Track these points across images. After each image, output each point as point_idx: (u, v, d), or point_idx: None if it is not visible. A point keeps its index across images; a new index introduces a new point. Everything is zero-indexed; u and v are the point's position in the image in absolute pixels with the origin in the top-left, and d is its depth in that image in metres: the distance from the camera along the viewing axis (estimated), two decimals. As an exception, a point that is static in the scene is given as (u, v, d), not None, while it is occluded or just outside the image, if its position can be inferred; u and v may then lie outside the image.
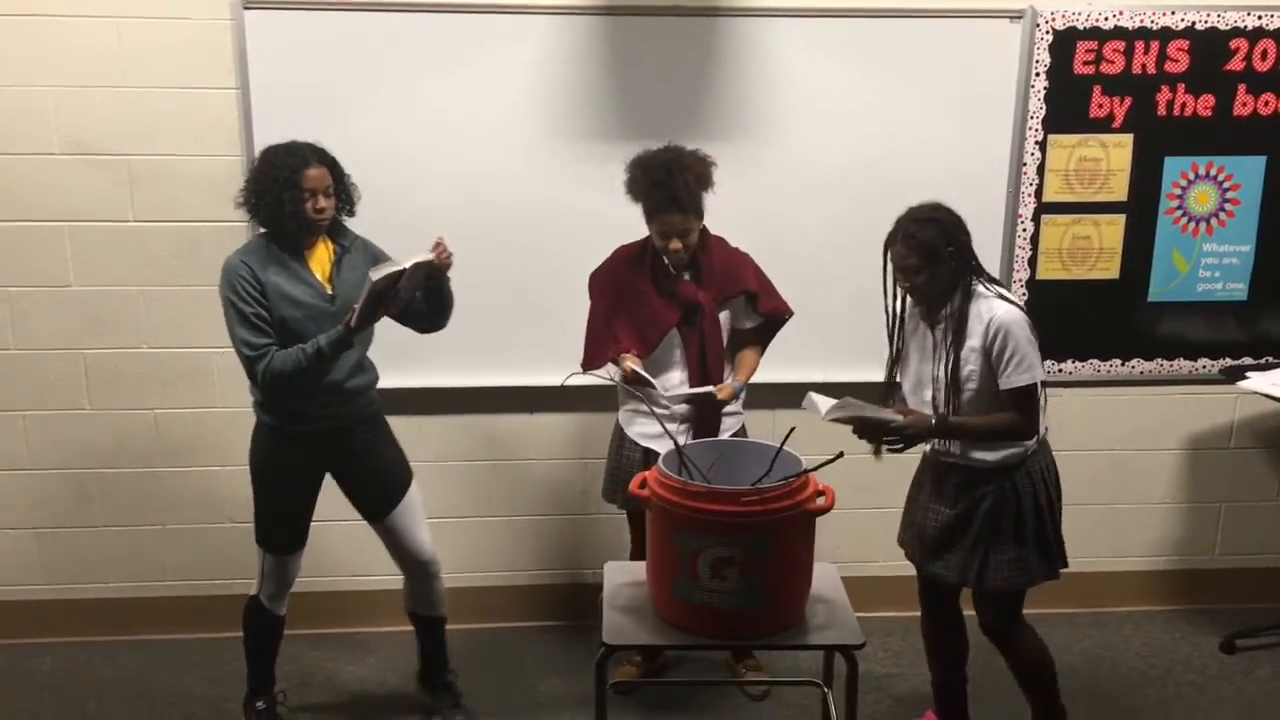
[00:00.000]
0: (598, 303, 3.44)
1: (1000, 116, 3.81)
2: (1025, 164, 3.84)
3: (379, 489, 3.31)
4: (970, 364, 2.86)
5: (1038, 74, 3.77)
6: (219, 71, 3.61)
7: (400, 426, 3.44)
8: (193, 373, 3.85)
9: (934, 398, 2.95)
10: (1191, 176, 3.90)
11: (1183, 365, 4.08)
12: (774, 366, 3.57)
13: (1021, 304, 2.92)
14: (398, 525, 3.32)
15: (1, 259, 3.71)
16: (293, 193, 3.00)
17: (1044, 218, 3.90)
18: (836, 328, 3.81)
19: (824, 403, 2.86)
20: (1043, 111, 3.80)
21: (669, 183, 3.20)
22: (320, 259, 3.13)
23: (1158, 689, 3.74)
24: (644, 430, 3.40)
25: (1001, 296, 2.88)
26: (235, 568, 4.01)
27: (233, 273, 3.04)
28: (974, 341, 2.85)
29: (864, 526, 3.90)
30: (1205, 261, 3.98)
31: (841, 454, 2.85)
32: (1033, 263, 3.93)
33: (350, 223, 3.44)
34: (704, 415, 3.36)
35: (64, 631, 4.00)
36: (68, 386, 3.83)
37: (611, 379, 3.32)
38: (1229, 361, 4.07)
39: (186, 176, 3.68)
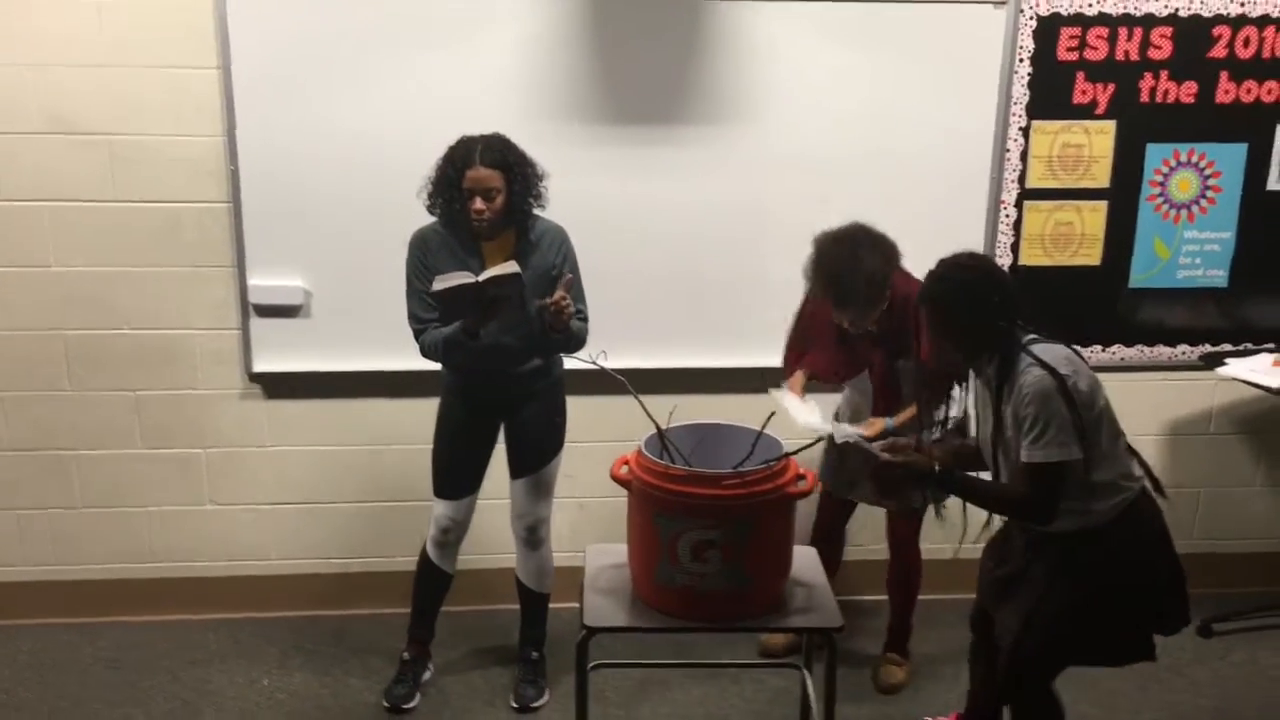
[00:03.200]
0: (802, 312, 3.51)
1: (984, 102, 3.82)
2: (1008, 150, 3.85)
3: (515, 455, 3.48)
4: (1009, 430, 2.58)
5: (1021, 60, 3.77)
6: (200, 51, 3.58)
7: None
8: (174, 354, 3.83)
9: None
10: (1173, 163, 3.91)
11: (1163, 351, 4.10)
12: (759, 351, 3.58)
13: (1066, 366, 2.54)
14: (514, 491, 3.50)
15: (-19, 238, 3.69)
16: (455, 191, 3.10)
17: (1027, 204, 3.91)
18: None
19: (838, 430, 2.89)
20: (1026, 97, 3.81)
21: (841, 289, 3.18)
22: (496, 252, 3.15)
23: (1136, 672, 3.73)
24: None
25: (1040, 362, 2.52)
26: (216, 549, 4.03)
27: (410, 247, 3.25)
28: (1011, 407, 2.56)
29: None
30: (1186, 248, 4.00)
31: (821, 438, 2.86)
32: (1015, 248, 3.94)
33: (332, 201, 3.44)
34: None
35: (44, 613, 3.99)
36: (48, 367, 3.81)
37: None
38: (1209, 348, 4.09)
39: (168, 156, 3.66)
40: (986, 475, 2.76)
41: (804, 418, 3.12)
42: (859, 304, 3.21)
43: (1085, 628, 2.68)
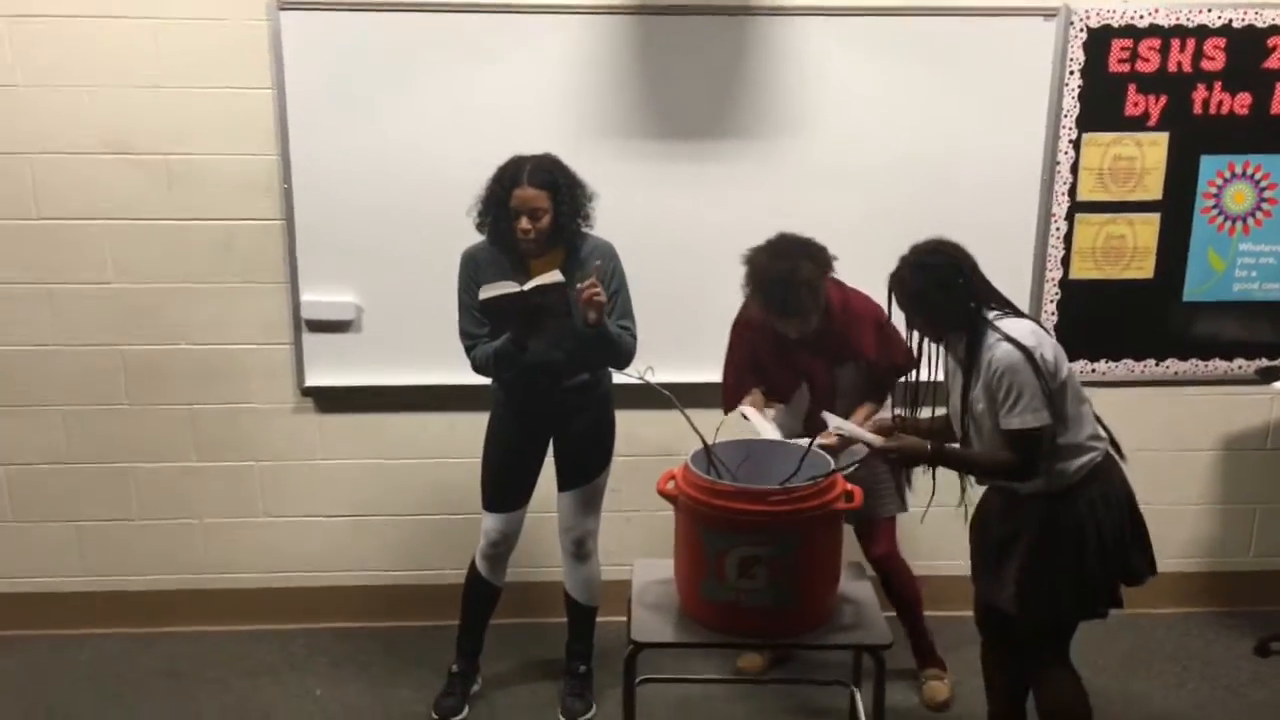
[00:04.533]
0: (734, 347, 3.52)
1: (1034, 115, 3.79)
2: (1059, 162, 3.82)
3: (563, 468, 3.51)
4: (980, 403, 2.77)
5: (1072, 72, 3.74)
6: (254, 72, 3.65)
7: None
8: (228, 369, 3.89)
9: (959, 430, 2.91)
10: (1228, 175, 3.86)
11: (1218, 365, 4.04)
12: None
13: (1032, 339, 2.70)
14: (562, 504, 3.51)
15: (43, 256, 3.76)
16: (502, 210, 3.15)
17: (1078, 216, 3.87)
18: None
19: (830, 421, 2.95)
20: (1077, 110, 3.77)
21: (785, 302, 3.19)
22: (544, 269, 3.16)
23: (1191, 692, 3.72)
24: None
25: (1007, 337, 2.70)
26: (269, 561, 4.08)
27: (461, 266, 3.30)
28: (982, 381, 2.76)
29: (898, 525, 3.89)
30: (1242, 261, 3.94)
31: (855, 463, 2.87)
32: (1066, 262, 3.90)
33: (382, 218, 3.47)
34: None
35: (101, 623, 4.06)
36: (106, 382, 3.88)
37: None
38: (1265, 362, 4.03)
39: (222, 175, 3.73)
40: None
41: (769, 434, 3.19)
42: (804, 312, 3.21)
43: (1078, 584, 2.80)
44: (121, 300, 3.82)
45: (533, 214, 3.12)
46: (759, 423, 3.26)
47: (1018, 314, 2.83)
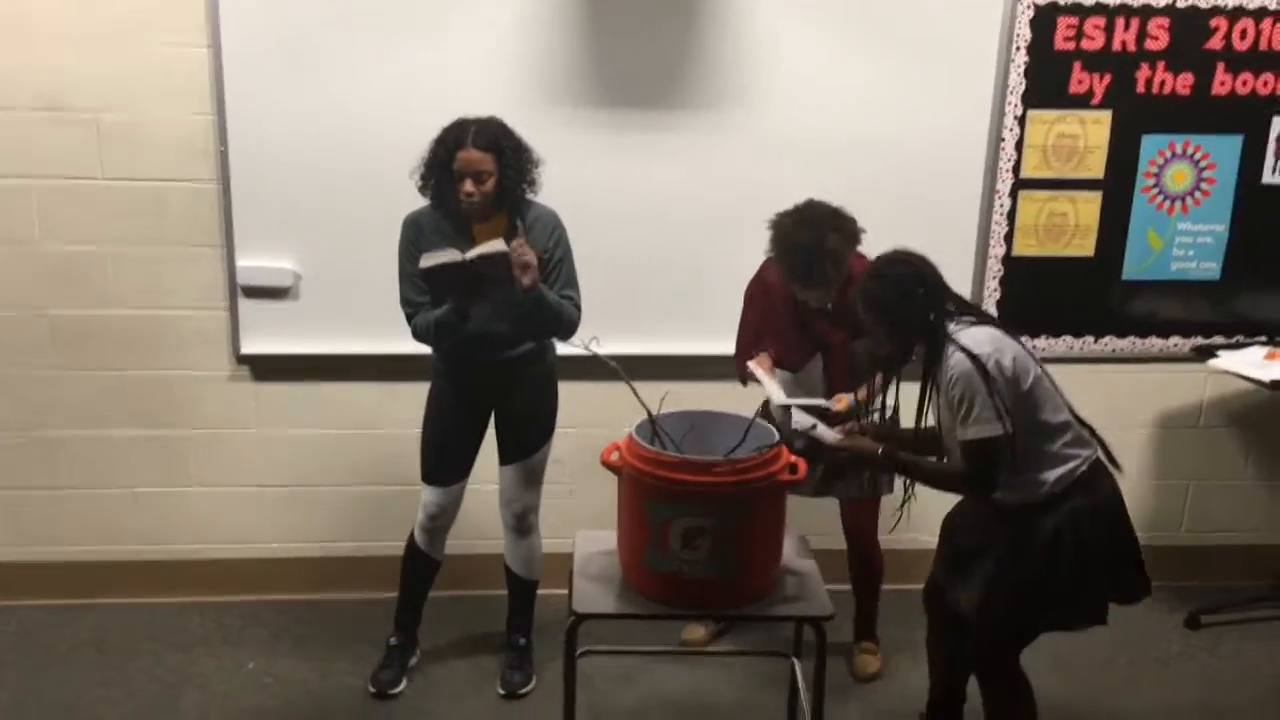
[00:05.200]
0: (748, 313, 3.51)
1: (980, 90, 3.80)
2: (1004, 139, 3.83)
3: (504, 441, 3.46)
4: (945, 413, 2.73)
5: (1018, 48, 3.75)
6: (190, 29, 3.54)
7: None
8: (162, 335, 3.80)
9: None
10: (1168, 155, 3.90)
11: (1155, 343, 4.09)
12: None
13: (988, 345, 2.65)
14: (503, 478, 3.48)
15: (-34, 216, 3.64)
16: (446, 173, 3.08)
17: (1021, 193, 3.90)
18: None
19: (800, 418, 2.92)
20: (1022, 86, 3.79)
21: (809, 270, 3.16)
22: (487, 235, 3.10)
23: (1123, 664, 3.78)
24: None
25: (960, 347, 2.65)
26: (203, 533, 4.01)
27: (402, 230, 3.24)
28: (942, 393, 2.72)
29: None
30: (1180, 240, 3.99)
31: (814, 425, 2.86)
32: (1009, 238, 3.93)
33: (322, 183, 3.40)
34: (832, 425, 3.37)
35: (28, 593, 3.96)
36: (33, 346, 3.77)
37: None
38: (1201, 340, 4.09)
39: (156, 135, 3.63)
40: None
41: (777, 396, 3.16)
42: (826, 284, 3.20)
43: (1043, 599, 2.75)
44: (50, 262, 3.71)
45: (476, 177, 3.07)
46: (768, 383, 3.22)
47: (984, 320, 2.78)
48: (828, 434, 2.87)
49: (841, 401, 3.27)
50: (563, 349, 3.34)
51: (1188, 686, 3.69)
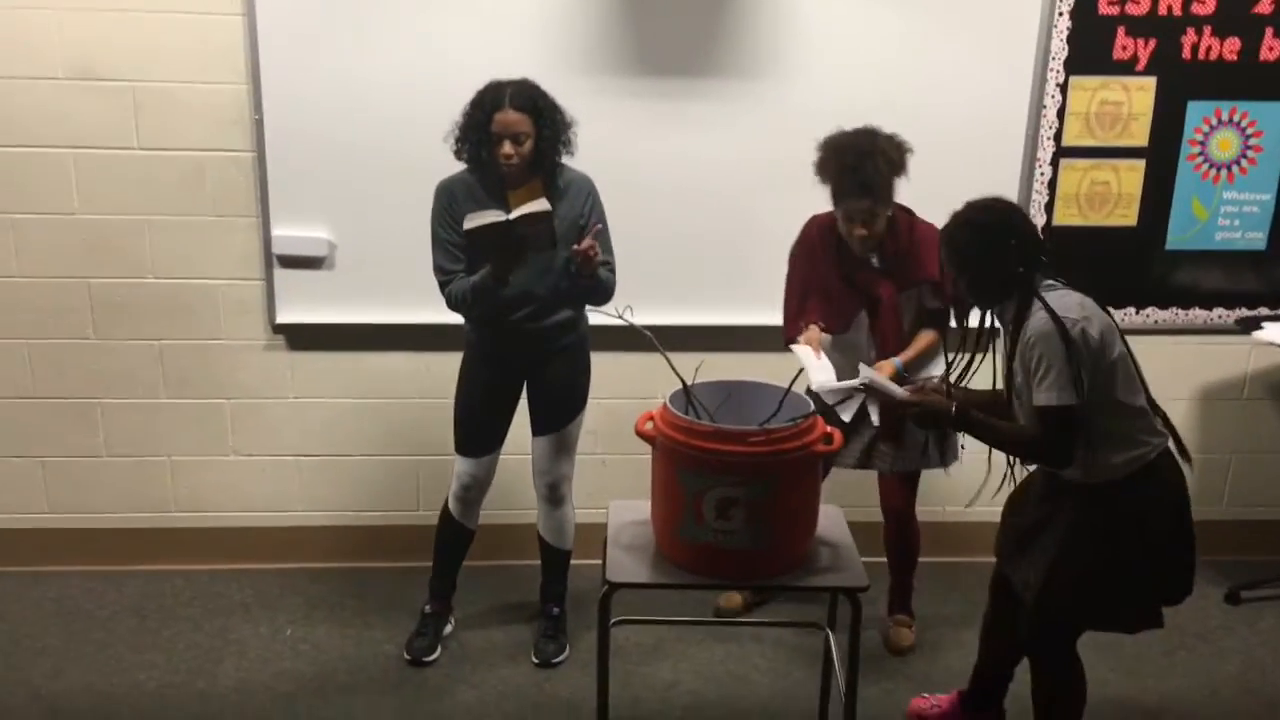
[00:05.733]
0: (794, 275, 3.46)
1: (1021, 57, 3.73)
2: (1045, 106, 3.77)
3: (538, 412, 3.45)
4: (1019, 375, 2.62)
5: (1061, 13, 3.68)
6: (225, -3, 3.55)
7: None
8: (198, 305, 3.82)
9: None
10: (1214, 122, 3.82)
11: (1198, 315, 4.03)
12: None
13: (1077, 311, 2.54)
14: (536, 448, 3.47)
15: (5, 185, 3.66)
16: (484, 135, 3.06)
17: (1062, 162, 3.83)
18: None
19: (864, 372, 2.84)
20: (1065, 53, 3.72)
21: (860, 168, 3.13)
22: (523, 199, 3.07)
23: (1161, 639, 3.72)
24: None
25: (1047, 308, 2.53)
26: (239, 500, 4.04)
27: (435, 198, 3.21)
28: (1020, 354, 2.60)
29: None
30: (1225, 209, 3.92)
31: (852, 393, 2.83)
32: (1050, 208, 3.87)
33: (356, 152, 3.38)
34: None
35: (69, 560, 4.01)
36: (73, 316, 3.80)
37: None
38: (1245, 312, 4.02)
39: (191, 104, 3.63)
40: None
41: (819, 375, 3.10)
42: (877, 191, 3.15)
43: (1106, 588, 2.67)
44: (88, 232, 3.73)
45: (515, 138, 3.05)
46: (809, 362, 3.17)
47: (1072, 288, 2.64)
48: (898, 389, 2.78)
49: (884, 369, 3.23)
50: (597, 319, 3.32)
51: (1227, 662, 3.65)
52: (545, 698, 3.40)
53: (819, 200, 3.34)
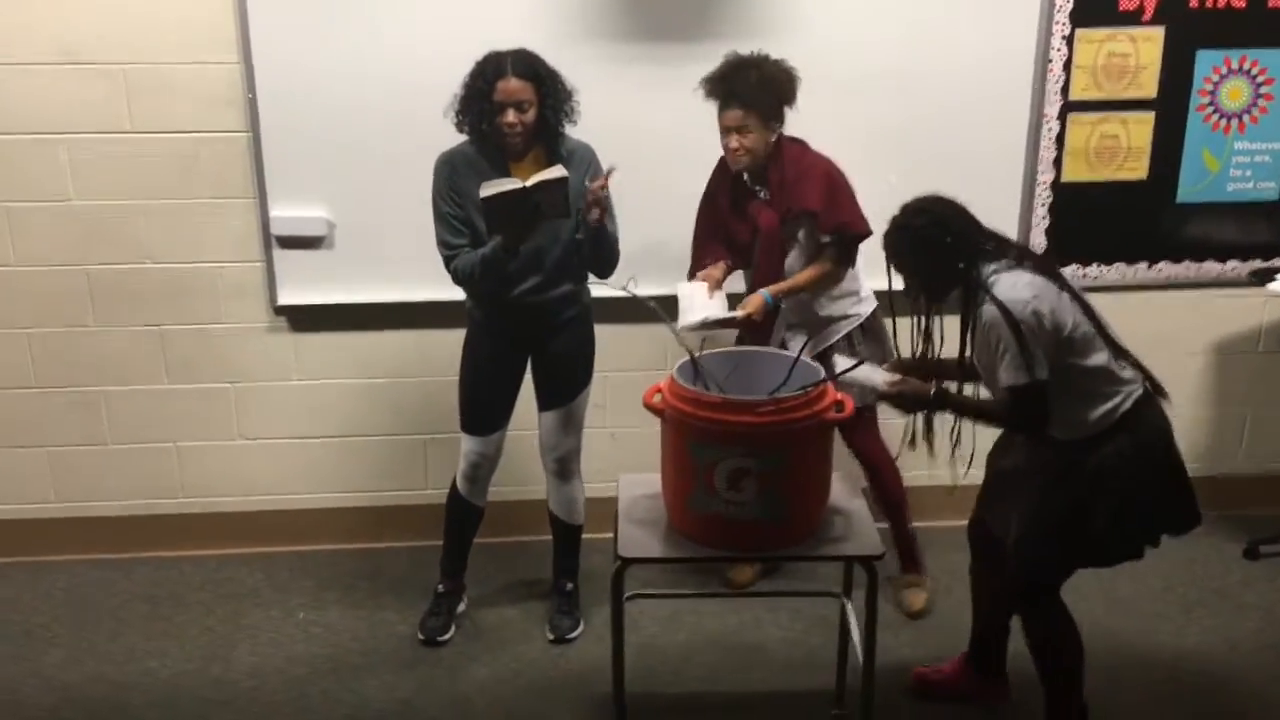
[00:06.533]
0: (699, 214, 3.46)
1: (1026, 10, 3.66)
2: (1051, 60, 3.70)
3: (544, 387, 3.42)
4: (983, 357, 2.68)
5: (1066, -36, 3.61)
6: (213, -26, 3.48)
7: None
8: (198, 288, 3.78)
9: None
10: (1224, 71, 3.75)
11: (1211, 268, 3.97)
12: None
13: (1026, 291, 2.58)
14: (544, 424, 3.44)
15: (-2, 173, 3.63)
16: (487, 105, 3.01)
17: (1070, 116, 3.76)
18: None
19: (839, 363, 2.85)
20: (1070, 4, 3.65)
21: (729, 77, 3.18)
22: (525, 171, 3.05)
23: (1180, 595, 3.71)
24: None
25: (992, 297, 2.59)
26: (247, 484, 4.01)
27: (435, 172, 3.16)
28: (977, 339, 2.68)
29: (887, 435, 3.84)
30: (1236, 160, 3.85)
31: (861, 361, 2.79)
32: (1058, 163, 3.81)
33: (352, 129, 3.33)
34: (764, 331, 3.37)
35: (77, 549, 3.99)
36: (72, 303, 3.77)
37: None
38: (1259, 263, 3.96)
39: (184, 85, 3.58)
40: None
41: (686, 317, 3.16)
42: (748, 99, 3.18)
43: (1083, 530, 2.71)
44: (83, 218, 3.68)
45: (519, 106, 3.01)
46: (686, 301, 3.21)
47: (1024, 258, 2.70)
48: (878, 378, 2.78)
49: (751, 304, 3.22)
50: (601, 291, 3.27)
51: (1246, 618, 3.62)
52: (560, 673, 3.38)
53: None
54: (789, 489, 2.52)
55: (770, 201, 3.32)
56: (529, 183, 2.91)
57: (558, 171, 2.93)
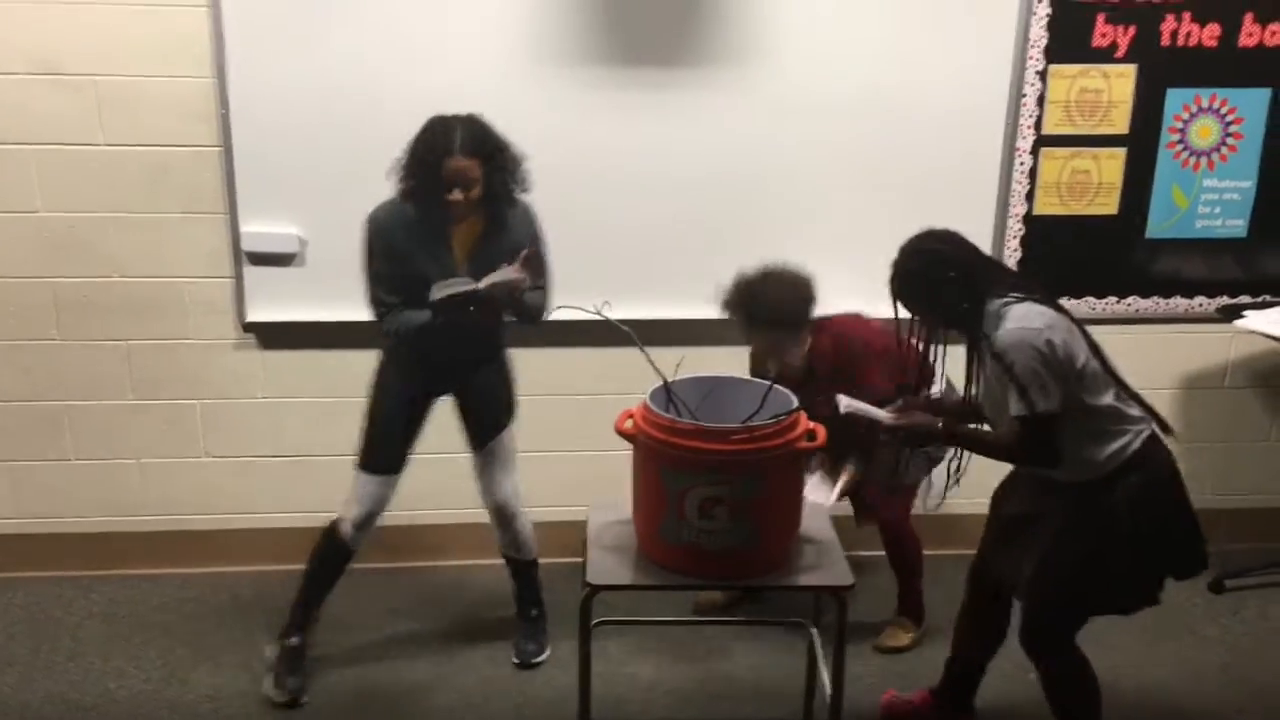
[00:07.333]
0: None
1: (1000, 44, 3.69)
2: (1025, 95, 3.73)
3: (473, 426, 3.36)
4: (997, 387, 2.65)
5: (1040, 0, 3.64)
6: (189, -12, 3.46)
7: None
8: (166, 304, 3.74)
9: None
10: (1194, 109, 3.80)
11: (1179, 304, 4.00)
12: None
13: (1039, 320, 2.58)
14: (478, 467, 3.38)
15: (-36, 183, 3.57)
16: (432, 180, 2.95)
17: (1043, 150, 3.80)
18: (829, 261, 3.69)
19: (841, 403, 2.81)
20: (1044, 40, 3.68)
21: (744, 305, 3.20)
22: (464, 234, 3.02)
23: (1143, 628, 3.69)
24: None
25: (1008, 329, 2.57)
26: (212, 503, 3.97)
27: (369, 228, 3.07)
28: (988, 369, 2.67)
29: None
30: (1205, 197, 3.89)
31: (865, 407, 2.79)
32: (1030, 197, 3.83)
33: (325, 146, 3.31)
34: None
35: (37, 566, 3.93)
36: (36, 316, 3.72)
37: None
38: (1226, 300, 4.00)
39: (156, 99, 3.55)
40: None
41: (814, 495, 3.14)
42: (768, 326, 3.20)
43: (1100, 576, 2.69)
44: (51, 230, 3.64)
45: (466, 185, 2.95)
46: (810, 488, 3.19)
47: (1032, 292, 2.67)
48: (881, 413, 2.77)
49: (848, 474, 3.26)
50: (573, 314, 3.25)
51: (1211, 651, 3.64)
52: (527, 699, 3.35)
53: (799, 190, 3.29)
54: (761, 517, 2.51)
55: (827, 385, 3.16)
56: (482, 285, 2.91)
57: (510, 274, 2.93)
